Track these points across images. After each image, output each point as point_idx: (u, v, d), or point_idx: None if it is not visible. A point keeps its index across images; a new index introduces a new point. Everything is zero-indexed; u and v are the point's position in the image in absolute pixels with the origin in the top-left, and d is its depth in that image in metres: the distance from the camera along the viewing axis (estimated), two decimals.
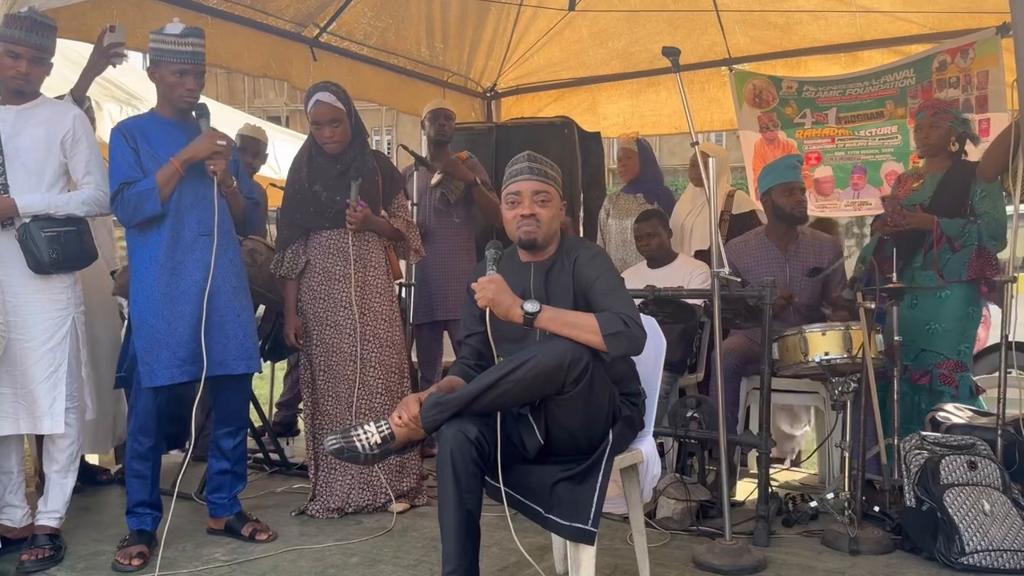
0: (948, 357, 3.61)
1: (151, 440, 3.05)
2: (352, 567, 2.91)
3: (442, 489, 2.25)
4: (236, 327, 3.10)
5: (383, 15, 5.31)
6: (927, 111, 3.80)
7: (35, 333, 2.95)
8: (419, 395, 2.36)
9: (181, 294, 2.99)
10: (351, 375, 3.50)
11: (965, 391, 3.61)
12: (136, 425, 3.04)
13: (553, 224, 2.50)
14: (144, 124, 3.08)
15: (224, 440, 3.22)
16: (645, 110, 6.22)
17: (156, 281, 2.99)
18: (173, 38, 2.97)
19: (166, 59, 2.98)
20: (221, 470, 3.23)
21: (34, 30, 2.89)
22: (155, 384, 2.98)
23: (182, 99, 3.03)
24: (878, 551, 3.01)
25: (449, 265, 4.35)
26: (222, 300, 3.05)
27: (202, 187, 3.04)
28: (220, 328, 3.04)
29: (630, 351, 2.33)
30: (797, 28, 5.44)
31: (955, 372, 3.60)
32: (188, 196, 3.02)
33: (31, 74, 2.94)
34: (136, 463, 3.05)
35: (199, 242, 3.03)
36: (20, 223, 2.92)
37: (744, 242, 3.99)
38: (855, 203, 5.60)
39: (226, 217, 3.11)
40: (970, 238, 3.57)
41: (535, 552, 2.80)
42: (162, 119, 3.08)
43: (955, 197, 3.64)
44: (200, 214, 3.04)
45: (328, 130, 3.45)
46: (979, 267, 3.56)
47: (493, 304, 2.34)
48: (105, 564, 2.93)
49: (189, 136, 3.04)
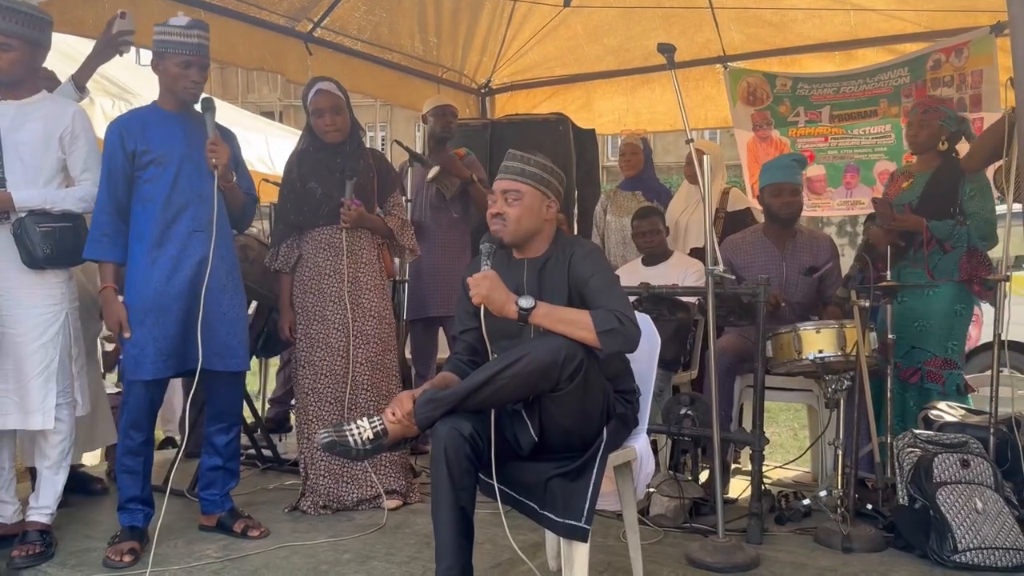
0: (936, 355, 3.63)
1: (143, 435, 3.04)
2: (344, 563, 2.90)
3: (436, 486, 2.24)
4: (225, 325, 3.08)
5: (376, 10, 5.29)
6: (918, 108, 3.81)
7: (28, 328, 2.94)
8: (412, 392, 2.35)
9: (171, 289, 2.97)
10: (338, 370, 3.49)
11: (952, 388, 3.62)
12: (127, 420, 3.02)
13: (523, 223, 2.47)
14: (145, 116, 3.06)
15: (217, 436, 3.21)
16: (640, 107, 6.21)
17: (146, 275, 2.97)
18: (179, 29, 2.95)
19: (171, 50, 2.97)
20: (213, 466, 3.21)
21: (28, 23, 2.85)
22: (141, 377, 2.96)
23: (186, 91, 3.01)
24: (871, 549, 3.02)
25: (443, 262, 4.34)
26: (213, 297, 3.03)
27: (198, 183, 3.02)
28: (209, 325, 3.01)
29: (624, 349, 2.33)
30: (792, 26, 5.44)
31: (943, 369, 3.62)
32: (184, 192, 3.00)
33: (15, 65, 2.88)
34: (127, 459, 3.03)
35: (193, 238, 3.01)
36: (16, 217, 2.90)
37: (741, 239, 3.99)
38: (848, 202, 5.60)
39: (223, 213, 3.09)
40: (960, 239, 3.58)
41: (528, 549, 2.80)
42: (163, 111, 3.06)
43: (943, 197, 3.65)
44: (195, 211, 3.01)
45: (329, 117, 3.46)
46: (970, 267, 3.57)
47: (487, 300, 2.34)
48: (96, 560, 2.91)
49: (189, 129, 3.03)
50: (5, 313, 2.90)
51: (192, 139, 3.03)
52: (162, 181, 2.98)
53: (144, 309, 2.96)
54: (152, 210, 2.98)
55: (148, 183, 2.99)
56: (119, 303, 2.98)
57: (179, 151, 3.00)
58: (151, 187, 2.98)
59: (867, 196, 5.40)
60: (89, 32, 3.86)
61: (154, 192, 2.98)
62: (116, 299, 2.98)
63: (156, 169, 2.98)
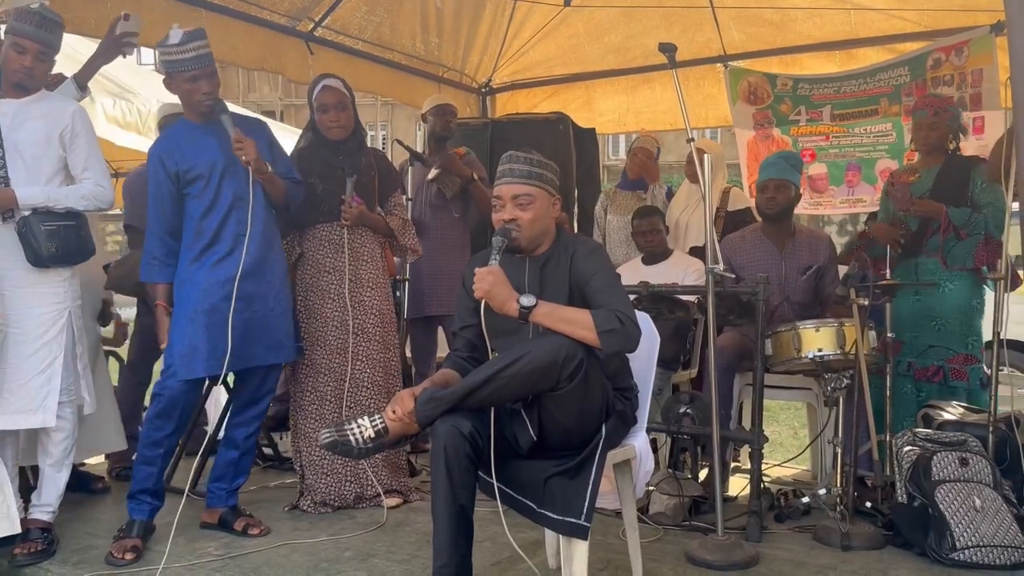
0: (958, 352, 3.63)
1: (170, 427, 3.05)
2: (345, 561, 2.91)
3: (435, 484, 2.25)
4: (275, 319, 3.18)
5: (377, 10, 5.30)
6: (928, 110, 3.80)
7: (31, 326, 2.95)
8: (413, 390, 2.36)
9: (221, 290, 3.03)
10: (337, 368, 3.50)
11: (976, 383, 3.62)
12: (157, 408, 3.03)
13: (537, 225, 2.46)
14: (178, 136, 3.13)
15: (239, 430, 3.27)
16: (640, 106, 6.21)
17: (192, 278, 3.05)
18: (175, 48, 3.00)
19: (175, 70, 3.02)
20: (229, 460, 3.26)
21: (43, 26, 2.91)
22: (194, 375, 3.02)
23: (201, 104, 3.07)
24: (870, 547, 3.02)
25: (442, 261, 4.34)
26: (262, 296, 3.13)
27: (239, 187, 3.09)
28: (263, 323, 3.12)
29: (625, 348, 2.34)
30: (792, 25, 5.44)
31: (966, 365, 3.62)
32: (227, 198, 3.08)
33: (34, 69, 2.94)
34: (148, 449, 3.04)
35: (239, 241, 3.08)
36: (20, 216, 2.91)
37: (741, 238, 3.99)
38: (849, 200, 5.61)
39: (260, 213, 3.14)
40: (976, 227, 3.59)
41: (528, 547, 2.81)
42: (192, 125, 3.14)
43: (955, 188, 3.67)
44: (239, 215, 3.09)
45: (334, 113, 3.49)
46: (985, 255, 3.57)
47: (489, 296, 2.34)
48: (97, 558, 2.93)
49: (220, 139, 3.09)
50: (10, 312, 2.91)
51: (225, 146, 3.08)
52: (207, 194, 3.07)
53: (195, 310, 3.02)
54: (199, 220, 3.07)
55: (195, 199, 3.08)
56: (166, 320, 3.10)
57: (217, 160, 3.08)
58: (197, 202, 3.08)
59: (869, 194, 5.41)
60: (91, 32, 3.87)
61: (200, 204, 3.08)
62: (166, 318, 3.11)
63: (201, 183, 3.07)
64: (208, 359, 3.01)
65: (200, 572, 2.83)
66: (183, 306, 3.06)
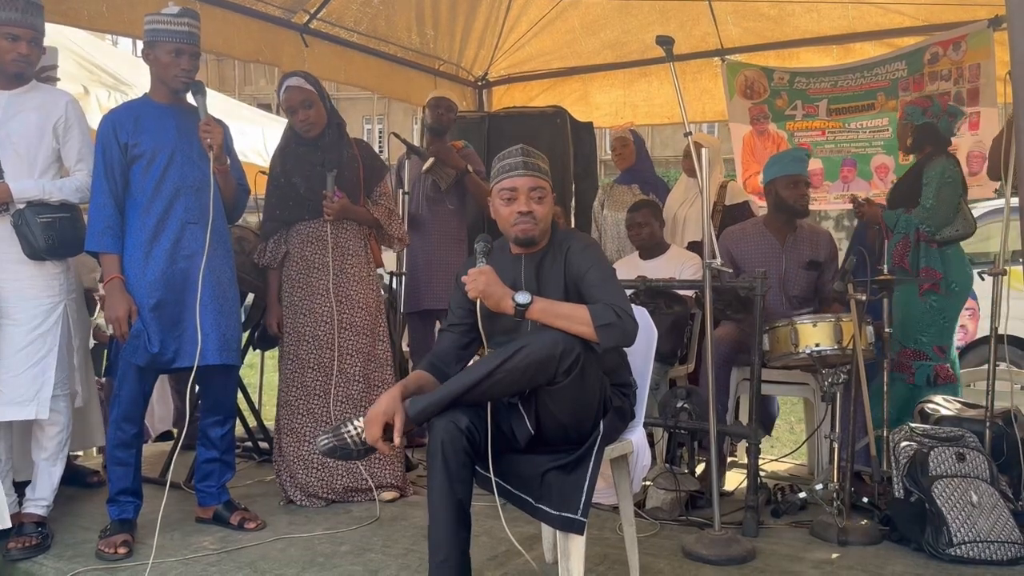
0: (905, 346, 3.75)
1: (135, 427, 3.03)
2: (341, 555, 2.90)
3: (432, 478, 2.24)
4: (220, 318, 3.06)
5: (373, 2, 5.27)
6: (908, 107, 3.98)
7: (25, 319, 2.93)
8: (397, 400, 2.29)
9: (167, 282, 2.96)
10: (326, 363, 3.49)
11: (922, 379, 3.72)
12: (120, 413, 3.01)
13: (548, 219, 2.50)
14: (138, 110, 3.04)
15: (212, 429, 3.20)
16: (637, 100, 6.20)
17: (141, 269, 2.96)
18: (168, 18, 2.95)
19: (161, 39, 2.96)
20: (209, 459, 3.21)
21: (28, 11, 2.88)
22: (138, 362, 2.94)
23: (176, 79, 3.00)
24: (866, 542, 3.03)
25: (438, 254, 4.33)
26: (211, 290, 3.02)
27: (190, 174, 3.00)
28: (209, 318, 3.00)
29: (622, 343, 2.33)
30: (789, 20, 5.44)
31: (911, 360, 3.73)
32: (173, 183, 2.98)
33: (31, 55, 2.92)
34: (119, 451, 3.02)
35: (187, 230, 2.99)
36: (15, 209, 2.89)
37: (742, 230, 3.98)
38: (844, 196, 5.61)
39: (219, 204, 3.08)
40: (901, 227, 3.74)
41: (525, 541, 2.80)
42: (155, 103, 3.05)
43: (908, 189, 3.83)
44: (187, 202, 3.00)
45: (302, 113, 3.44)
46: (899, 254, 3.73)
47: (484, 295, 2.33)
48: (92, 552, 2.91)
49: (182, 121, 3.01)
50: (4, 305, 2.90)
51: (184, 131, 3.01)
52: (150, 174, 2.96)
53: (140, 303, 2.94)
54: (142, 203, 2.96)
55: (137, 177, 2.97)
56: (125, 294, 2.93)
57: (170, 143, 2.99)
58: (139, 181, 2.97)
59: (864, 190, 5.41)
60: (85, 24, 3.85)
61: (143, 185, 2.97)
62: (122, 289, 2.93)
63: (143, 163, 2.96)
64: (152, 347, 2.92)
65: (196, 566, 2.81)
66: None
